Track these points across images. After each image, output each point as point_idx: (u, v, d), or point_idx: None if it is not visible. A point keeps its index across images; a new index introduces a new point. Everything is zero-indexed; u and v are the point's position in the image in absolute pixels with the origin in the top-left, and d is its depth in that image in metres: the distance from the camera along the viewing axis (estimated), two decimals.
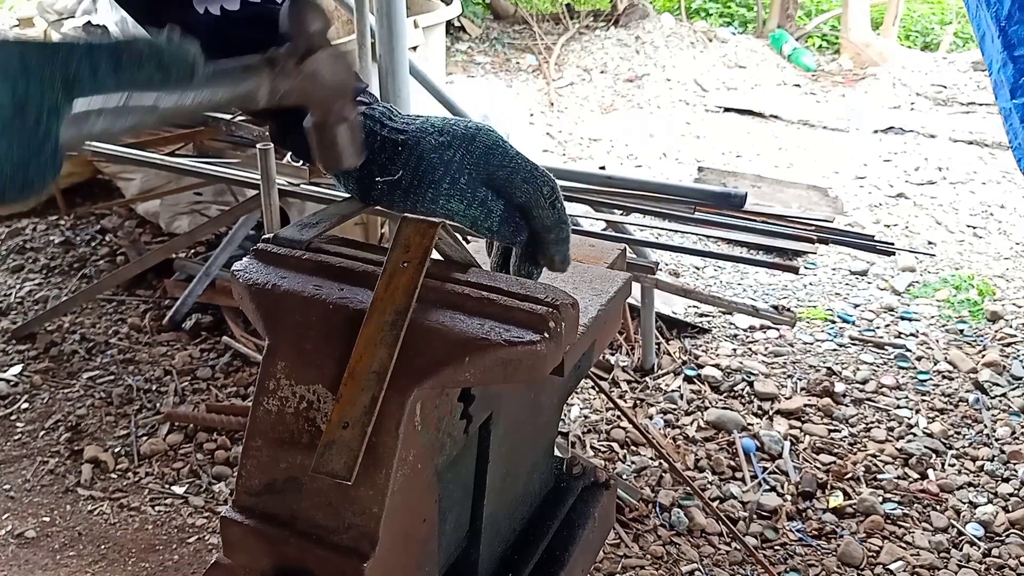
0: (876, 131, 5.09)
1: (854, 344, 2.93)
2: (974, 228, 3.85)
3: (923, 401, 2.62)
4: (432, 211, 0.80)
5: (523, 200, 0.79)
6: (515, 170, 0.79)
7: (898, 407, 2.59)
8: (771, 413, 2.54)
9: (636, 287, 2.53)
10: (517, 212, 0.80)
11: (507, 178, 0.79)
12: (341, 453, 0.64)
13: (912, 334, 3.00)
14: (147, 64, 0.61)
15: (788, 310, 2.87)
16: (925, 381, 2.72)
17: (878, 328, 3.05)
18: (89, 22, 3.28)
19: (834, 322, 3.08)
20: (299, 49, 0.68)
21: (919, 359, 2.84)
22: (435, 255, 0.74)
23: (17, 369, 2.73)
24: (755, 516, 2.16)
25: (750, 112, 5.39)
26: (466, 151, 0.79)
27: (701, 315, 3.05)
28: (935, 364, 2.81)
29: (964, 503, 2.21)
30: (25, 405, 2.58)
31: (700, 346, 2.86)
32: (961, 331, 3.01)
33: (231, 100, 0.65)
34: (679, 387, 2.64)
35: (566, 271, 0.84)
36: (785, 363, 2.80)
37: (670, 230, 2.53)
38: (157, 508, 2.19)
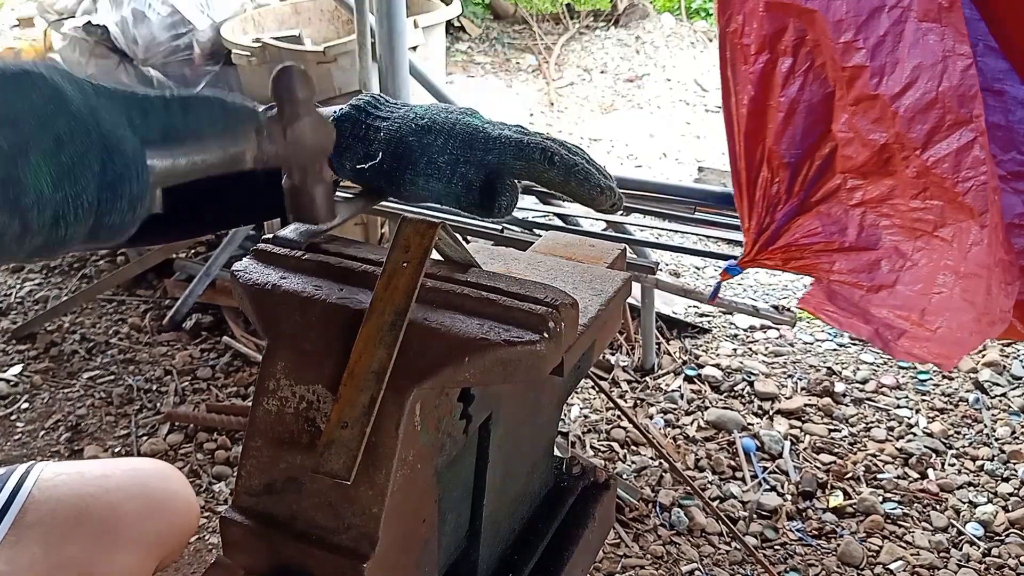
0: None
1: (854, 344, 2.93)
2: None
3: (923, 401, 2.62)
4: (413, 192, 0.81)
5: (524, 175, 0.80)
6: (504, 151, 0.79)
7: (898, 407, 2.59)
8: (771, 413, 2.54)
9: (636, 287, 2.53)
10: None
11: (499, 161, 0.79)
12: (340, 453, 0.64)
13: None
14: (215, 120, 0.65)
15: (788, 310, 2.87)
16: (925, 381, 2.72)
17: None
18: (89, 22, 3.28)
19: None
20: (285, 116, 0.70)
21: None
22: (435, 255, 0.75)
23: (17, 369, 2.73)
24: (755, 516, 2.16)
25: None
26: (448, 135, 0.79)
27: (701, 315, 3.05)
28: None
29: (964, 503, 2.21)
30: (25, 405, 2.58)
31: (700, 346, 2.86)
32: None
33: (219, 162, 0.66)
34: (679, 387, 2.64)
35: (614, 189, 0.82)
36: (785, 363, 2.80)
37: (670, 230, 2.53)
38: None
